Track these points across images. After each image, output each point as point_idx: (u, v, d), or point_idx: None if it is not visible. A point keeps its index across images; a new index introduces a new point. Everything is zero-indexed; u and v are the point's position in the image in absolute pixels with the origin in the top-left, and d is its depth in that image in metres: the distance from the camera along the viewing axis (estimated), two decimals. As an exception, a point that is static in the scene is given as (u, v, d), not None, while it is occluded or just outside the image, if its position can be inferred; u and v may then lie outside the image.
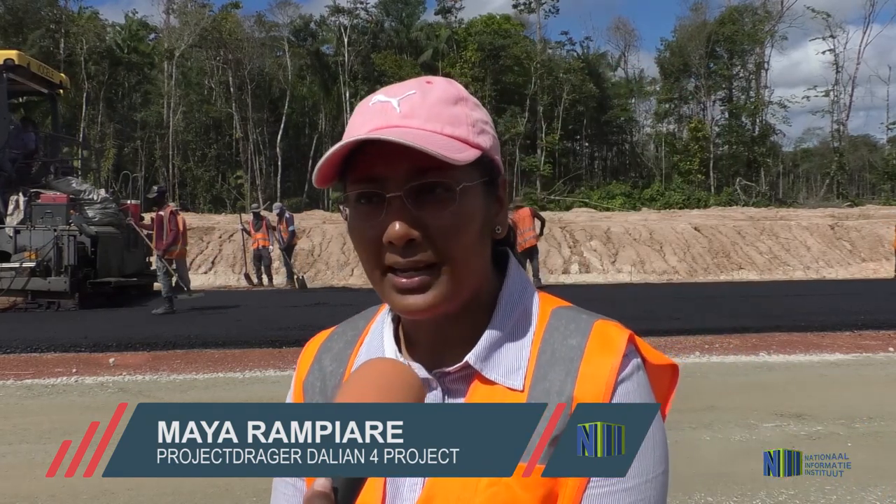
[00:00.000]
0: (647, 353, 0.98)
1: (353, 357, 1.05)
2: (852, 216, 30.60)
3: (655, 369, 0.98)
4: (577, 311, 1.00)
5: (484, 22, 55.75)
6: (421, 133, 0.90)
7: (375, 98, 0.97)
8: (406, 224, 0.89)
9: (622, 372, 0.93)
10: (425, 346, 0.99)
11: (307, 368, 1.08)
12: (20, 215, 15.16)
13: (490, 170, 0.97)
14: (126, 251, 16.52)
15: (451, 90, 0.96)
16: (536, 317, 0.98)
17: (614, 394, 0.91)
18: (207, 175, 52.06)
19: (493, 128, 1.00)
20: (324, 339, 1.11)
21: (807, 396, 7.68)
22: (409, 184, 0.90)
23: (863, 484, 4.98)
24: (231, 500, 4.86)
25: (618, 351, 0.93)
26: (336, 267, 23.82)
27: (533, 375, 0.93)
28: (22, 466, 5.56)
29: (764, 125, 55.96)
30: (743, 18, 55.38)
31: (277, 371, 8.99)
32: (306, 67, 58.57)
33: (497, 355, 0.95)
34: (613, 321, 0.99)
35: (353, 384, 0.77)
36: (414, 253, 0.90)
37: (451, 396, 0.95)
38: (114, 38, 55.38)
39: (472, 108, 0.97)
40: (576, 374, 0.91)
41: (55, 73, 18.62)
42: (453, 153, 0.88)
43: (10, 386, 8.30)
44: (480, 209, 0.94)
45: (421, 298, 0.91)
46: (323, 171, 0.92)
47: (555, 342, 0.95)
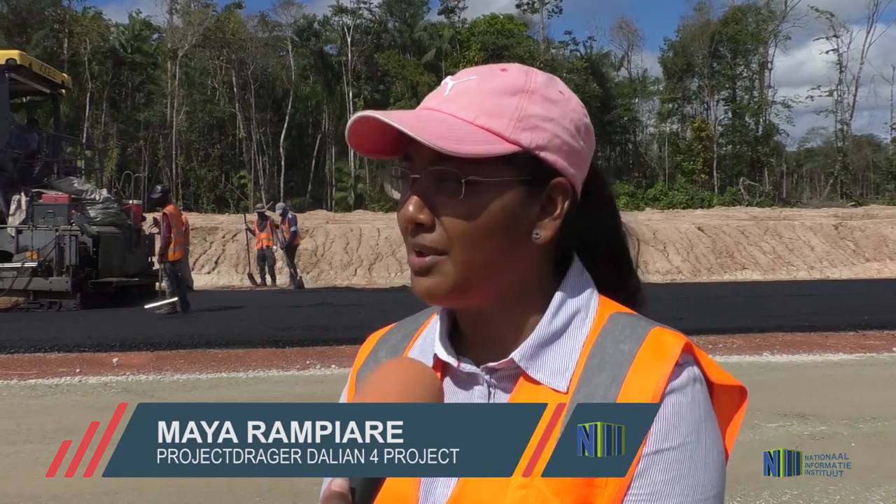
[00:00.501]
0: (709, 369, 0.91)
1: (408, 350, 1.04)
2: (856, 216, 30.56)
3: (719, 390, 0.91)
4: (637, 318, 0.94)
5: (487, 22, 55.72)
6: (446, 119, 0.89)
7: (446, 78, 0.96)
8: (416, 207, 0.89)
9: (672, 381, 0.87)
10: (475, 342, 0.97)
11: (363, 360, 1.08)
12: (22, 215, 15.19)
13: (534, 169, 0.91)
14: (128, 251, 16.54)
15: (518, 81, 0.92)
16: (592, 320, 0.94)
17: (661, 406, 0.86)
18: (211, 175, 52.10)
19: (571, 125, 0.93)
20: (384, 333, 1.11)
21: (810, 396, 7.67)
22: (428, 167, 0.89)
23: (866, 484, 4.98)
24: (234, 499, 4.87)
25: (669, 358, 0.87)
26: (339, 267, 23.83)
27: (580, 378, 0.89)
28: (25, 466, 5.57)
29: (767, 125, 55.89)
30: (746, 18, 55.28)
31: (280, 371, 9.00)
32: (310, 67, 58.60)
33: (544, 355, 0.92)
34: (674, 330, 0.92)
35: (372, 384, 0.77)
36: (421, 237, 0.90)
37: (498, 393, 0.93)
38: (117, 38, 55.41)
39: (536, 101, 0.91)
40: (622, 381, 0.87)
41: (57, 73, 18.66)
42: (460, 145, 0.85)
43: (14, 386, 8.32)
44: (502, 207, 0.89)
45: (425, 282, 0.91)
46: (362, 144, 0.92)
47: (607, 346, 0.90)
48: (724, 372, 0.92)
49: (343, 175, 55.19)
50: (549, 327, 0.93)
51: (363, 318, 12.61)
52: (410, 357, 0.94)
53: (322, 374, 8.86)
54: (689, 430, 0.86)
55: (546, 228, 0.93)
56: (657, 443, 0.84)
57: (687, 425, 0.86)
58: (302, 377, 8.73)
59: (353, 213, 36.88)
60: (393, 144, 0.92)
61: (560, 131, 0.92)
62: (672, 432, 0.85)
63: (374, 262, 24.21)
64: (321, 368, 9.12)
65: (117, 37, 55.65)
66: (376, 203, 47.12)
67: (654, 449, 0.84)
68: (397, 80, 53.27)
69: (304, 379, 8.62)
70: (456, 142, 0.85)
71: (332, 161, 56.04)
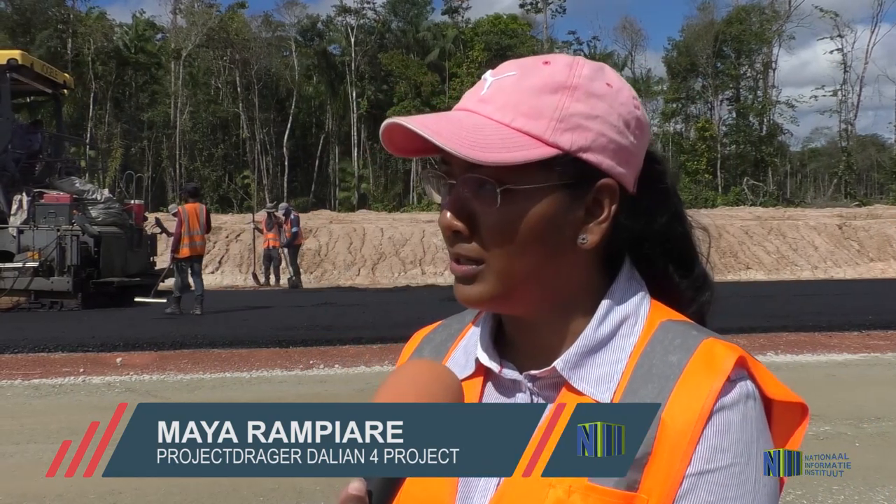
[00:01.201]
0: (765, 383, 0.85)
1: (451, 350, 1.00)
2: (860, 216, 30.51)
3: (777, 407, 0.85)
4: (690, 327, 0.88)
5: (491, 22, 55.75)
6: (478, 123, 0.84)
7: (486, 73, 0.90)
8: (453, 214, 0.85)
9: (722, 398, 0.80)
10: (520, 348, 0.92)
11: (408, 356, 1.05)
12: (24, 215, 15.22)
13: (576, 172, 0.85)
14: (129, 251, 16.55)
15: (560, 76, 0.86)
16: (642, 328, 0.88)
17: (708, 423, 0.80)
18: (214, 175, 52.20)
19: (619, 121, 0.87)
20: (429, 331, 1.07)
21: (814, 396, 7.63)
22: (464, 173, 0.84)
23: (870, 484, 4.97)
24: (237, 499, 4.87)
25: (721, 373, 0.81)
26: (343, 267, 23.86)
27: (624, 390, 0.84)
28: (29, 466, 5.57)
29: (771, 125, 55.83)
30: (750, 18, 55.23)
31: (284, 371, 9.00)
32: (313, 67, 58.70)
33: (589, 364, 0.87)
34: (728, 341, 0.86)
35: (389, 386, 0.76)
36: (459, 245, 0.86)
37: (540, 402, 0.88)
38: (121, 39, 55.57)
39: (579, 98, 0.85)
40: (668, 395, 0.81)
41: (59, 72, 18.69)
42: (490, 153, 0.80)
43: (18, 386, 8.33)
44: (542, 214, 0.84)
45: (466, 289, 0.87)
46: (397, 143, 0.87)
47: (655, 357, 0.85)
48: (784, 387, 0.86)
49: (346, 175, 55.24)
50: (594, 335, 0.87)
51: (366, 319, 12.62)
52: (428, 359, 0.89)
53: (325, 374, 8.86)
54: (739, 451, 0.80)
55: (592, 233, 0.87)
56: (703, 462, 0.80)
57: (737, 445, 0.80)
58: (305, 377, 8.73)
59: (356, 213, 36.90)
60: (429, 143, 0.86)
61: (606, 129, 0.86)
62: (719, 452, 0.80)
63: (377, 262, 24.23)
64: (324, 368, 9.13)
65: (121, 37, 55.83)
66: (380, 203, 47.18)
67: (700, 469, 0.80)
68: (401, 80, 53.28)
69: (308, 379, 8.63)
70: (485, 149, 0.80)
71: (336, 161, 56.10)
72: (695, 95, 58.61)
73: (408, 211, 39.91)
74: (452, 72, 52.14)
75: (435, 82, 52.85)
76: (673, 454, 0.79)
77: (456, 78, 51.22)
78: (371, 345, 10.31)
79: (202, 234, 13.17)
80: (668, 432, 0.80)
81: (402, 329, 11.05)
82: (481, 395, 0.93)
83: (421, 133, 0.80)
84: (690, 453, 0.79)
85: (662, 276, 0.94)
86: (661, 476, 0.79)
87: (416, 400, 0.73)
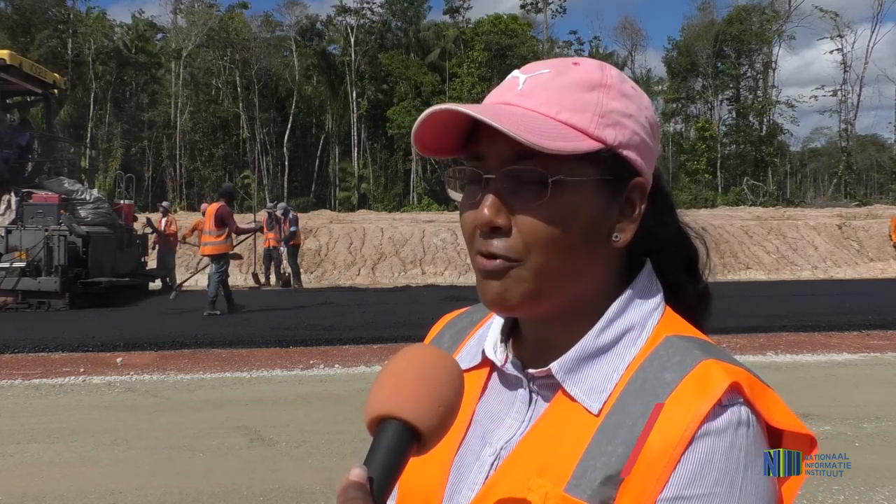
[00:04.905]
0: (770, 412, 0.81)
1: (467, 339, 0.99)
2: (860, 216, 30.49)
3: (788, 437, 0.82)
4: (694, 345, 0.83)
5: (491, 22, 55.66)
6: (527, 114, 0.82)
7: (513, 73, 0.89)
8: (493, 210, 0.82)
9: (708, 422, 0.76)
10: (532, 343, 0.91)
11: (430, 339, 1.05)
12: (12, 215, 15.20)
13: (616, 168, 0.85)
14: (119, 251, 16.50)
15: (594, 75, 0.86)
16: (645, 340, 0.85)
17: (689, 448, 0.76)
18: (214, 175, 52.14)
19: (646, 122, 0.88)
20: (455, 316, 1.06)
21: (814, 396, 7.65)
22: (504, 167, 0.82)
23: (871, 483, 4.97)
24: (237, 499, 4.87)
25: (710, 396, 0.77)
26: (343, 266, 23.85)
27: (614, 403, 0.81)
28: (30, 466, 5.58)
29: (771, 125, 55.78)
30: (751, 18, 55.16)
31: (284, 371, 9.00)
32: (313, 67, 58.65)
33: (585, 370, 0.85)
34: (733, 363, 0.81)
35: (390, 371, 0.76)
36: (497, 241, 0.83)
37: (539, 401, 0.88)
38: (121, 38, 55.55)
39: (615, 97, 0.86)
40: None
41: (48, 72, 18.65)
42: (548, 140, 0.79)
43: (19, 385, 8.34)
44: (587, 209, 0.83)
45: (495, 286, 0.83)
46: (426, 140, 0.85)
47: (651, 372, 0.81)
48: (794, 417, 0.82)
49: (347, 175, 55.20)
50: (594, 341, 0.86)
51: (366, 318, 12.62)
52: (431, 346, 0.84)
53: (325, 374, 8.85)
54: (720, 480, 0.75)
55: (626, 231, 0.86)
56: (679, 488, 0.75)
57: (717, 473, 0.75)
58: (305, 377, 8.73)
59: (356, 212, 36.88)
60: (457, 143, 0.86)
61: (638, 128, 0.87)
62: (698, 479, 0.75)
63: (377, 262, 24.22)
64: (325, 368, 9.12)
65: (121, 37, 55.82)
66: (380, 203, 47.16)
67: (675, 494, 0.75)
68: (401, 80, 53.21)
69: (308, 379, 8.62)
70: (543, 137, 0.79)
71: (336, 161, 56.07)
72: (695, 95, 58.54)
73: (408, 211, 39.91)
74: (453, 72, 52.09)
75: (435, 82, 52.78)
76: (648, 476, 0.76)
77: (456, 78, 51.18)
78: (371, 345, 10.32)
79: (214, 235, 13.16)
80: (648, 453, 0.77)
81: (402, 329, 11.06)
82: (486, 386, 0.93)
83: (487, 121, 0.78)
84: (666, 477, 0.75)
85: (669, 280, 0.93)
86: (634, 497, 0.76)
87: (416, 385, 0.73)
